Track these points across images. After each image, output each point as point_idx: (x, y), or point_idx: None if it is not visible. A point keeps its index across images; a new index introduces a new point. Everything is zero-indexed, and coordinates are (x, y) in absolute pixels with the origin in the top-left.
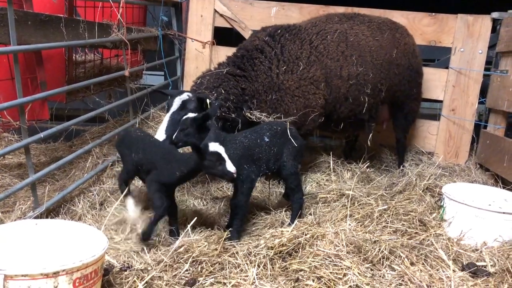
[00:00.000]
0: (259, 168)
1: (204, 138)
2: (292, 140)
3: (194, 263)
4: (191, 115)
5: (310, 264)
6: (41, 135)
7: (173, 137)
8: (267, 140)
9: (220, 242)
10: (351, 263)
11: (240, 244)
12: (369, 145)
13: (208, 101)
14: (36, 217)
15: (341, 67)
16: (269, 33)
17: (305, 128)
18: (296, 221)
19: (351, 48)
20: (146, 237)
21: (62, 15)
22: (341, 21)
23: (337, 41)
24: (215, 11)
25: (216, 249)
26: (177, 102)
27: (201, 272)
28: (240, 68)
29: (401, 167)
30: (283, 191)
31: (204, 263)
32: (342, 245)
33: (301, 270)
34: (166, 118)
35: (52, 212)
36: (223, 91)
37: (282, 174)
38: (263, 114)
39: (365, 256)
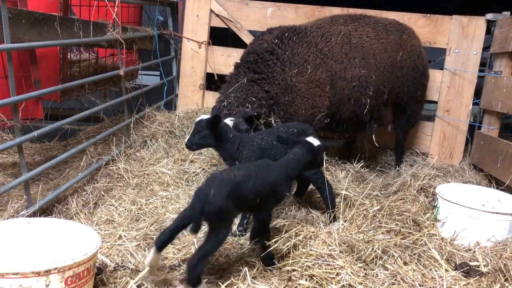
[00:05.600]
0: None
1: (219, 138)
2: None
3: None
4: (204, 117)
5: (303, 264)
6: (35, 133)
7: (187, 140)
8: None
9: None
10: (344, 262)
11: (235, 248)
12: (376, 145)
13: (252, 114)
14: (29, 216)
15: (345, 69)
16: (277, 36)
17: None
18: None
19: (354, 50)
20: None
21: (56, 14)
22: (346, 23)
23: (341, 43)
24: (211, 11)
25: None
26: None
27: None
28: (256, 72)
29: (397, 168)
30: None
31: None
32: (335, 244)
33: (294, 270)
34: None
35: (46, 211)
36: (254, 99)
37: (304, 175)
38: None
39: (358, 256)
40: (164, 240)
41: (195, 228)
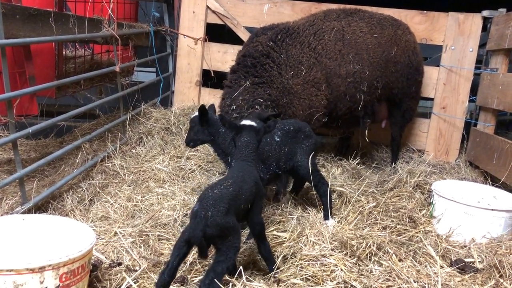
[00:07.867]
0: (269, 167)
1: (211, 133)
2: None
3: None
4: (196, 113)
5: (298, 263)
6: (29, 130)
7: (185, 138)
8: (278, 139)
9: None
10: (337, 259)
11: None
12: (367, 141)
13: (271, 114)
14: (24, 213)
15: (339, 65)
16: (271, 38)
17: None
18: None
19: (348, 46)
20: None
21: (51, 10)
22: (339, 18)
23: (334, 40)
24: (207, 7)
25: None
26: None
27: (191, 270)
28: (256, 76)
29: (393, 165)
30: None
31: (194, 263)
32: (330, 242)
33: (288, 269)
34: None
35: (41, 208)
36: (261, 100)
37: (300, 174)
38: None
39: (352, 253)
40: (167, 282)
41: (201, 254)
